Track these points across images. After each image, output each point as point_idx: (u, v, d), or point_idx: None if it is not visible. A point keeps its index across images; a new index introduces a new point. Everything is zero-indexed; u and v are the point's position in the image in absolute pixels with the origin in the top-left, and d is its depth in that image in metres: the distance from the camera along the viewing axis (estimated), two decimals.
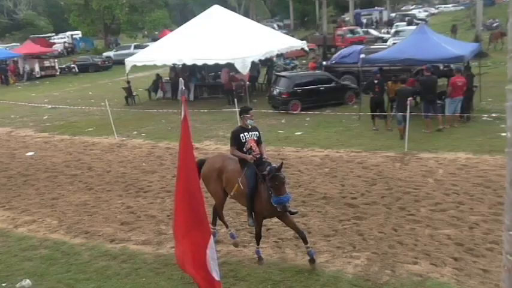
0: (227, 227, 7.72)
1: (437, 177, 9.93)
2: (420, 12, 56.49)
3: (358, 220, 8.21)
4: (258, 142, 7.08)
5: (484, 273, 6.30)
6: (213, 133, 15.36)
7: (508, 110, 2.08)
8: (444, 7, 67.51)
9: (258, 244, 6.98)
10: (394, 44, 21.91)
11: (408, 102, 12.04)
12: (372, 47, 22.89)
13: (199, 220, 4.47)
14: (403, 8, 70.24)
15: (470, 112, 14.06)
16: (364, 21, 50.00)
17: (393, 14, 56.34)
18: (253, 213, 6.85)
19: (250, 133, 7.02)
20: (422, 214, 8.26)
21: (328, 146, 12.84)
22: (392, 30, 36.05)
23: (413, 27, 30.34)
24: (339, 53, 23.04)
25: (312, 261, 6.71)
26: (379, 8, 56.95)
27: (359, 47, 22.11)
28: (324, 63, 22.28)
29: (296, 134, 14.52)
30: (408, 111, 11.93)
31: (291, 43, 24.25)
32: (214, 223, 7.62)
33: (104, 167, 12.40)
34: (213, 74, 23.23)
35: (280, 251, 7.28)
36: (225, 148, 13.43)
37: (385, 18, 53.46)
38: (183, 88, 4.78)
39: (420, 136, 12.79)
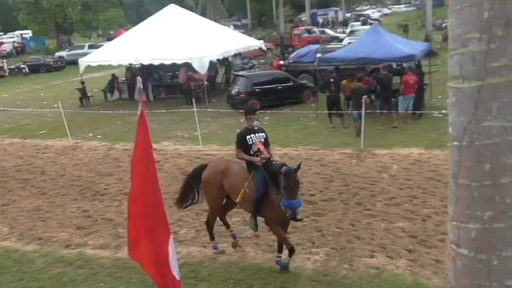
0: (228, 227, 7.36)
1: (391, 173, 10.24)
2: (374, 13, 58.01)
3: (317, 217, 8.34)
4: (266, 144, 6.68)
5: (436, 264, 6.55)
6: (171, 134, 15.19)
7: (450, 106, 2.18)
8: (397, 7, 69.63)
9: (280, 252, 6.68)
10: (349, 43, 22.39)
11: (363, 100, 12.35)
12: (328, 46, 23.32)
13: (159, 219, 4.41)
14: (357, 8, 71.91)
15: (422, 109, 14.57)
16: (320, 21, 50.87)
17: (348, 14, 57.63)
18: (255, 218, 6.58)
19: (257, 134, 6.62)
20: (378, 209, 8.49)
21: (287, 144, 12.97)
22: (348, 30, 36.84)
23: (367, 27, 31.06)
24: (296, 52, 23.34)
25: (283, 268, 6.58)
26: (334, 8, 58.09)
27: (315, 46, 22.48)
28: (281, 62, 22.49)
29: None
30: (363, 109, 12.24)
31: (249, 43, 24.33)
32: (227, 226, 7.36)
33: (57, 171, 12.01)
34: (170, 74, 22.98)
35: (240, 250, 7.29)
36: (184, 149, 13.34)
37: (340, 18, 54.61)
38: (141, 87, 4.70)
39: (375, 133, 13.15)
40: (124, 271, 6.85)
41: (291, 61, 21.55)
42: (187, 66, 19.70)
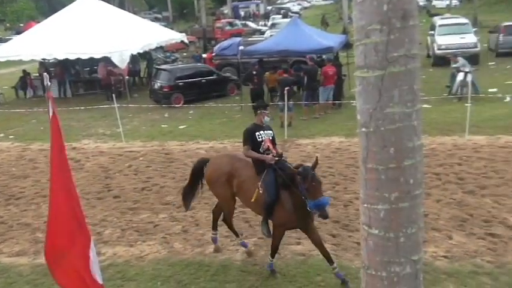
0: (238, 235, 6.86)
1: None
2: (294, 6, 59.24)
3: (245, 208, 8.42)
4: (273, 143, 6.26)
5: (358, 246, 6.86)
6: (91, 131, 14.58)
7: (357, 94, 2.30)
8: (315, 1, 71.59)
9: (272, 257, 6.26)
10: (271, 36, 22.74)
11: (286, 91, 12.63)
12: (250, 39, 23.55)
13: (78, 222, 4.24)
14: (278, 1, 72.97)
15: (341, 99, 15.18)
16: (242, 13, 51.09)
17: (269, 7, 58.35)
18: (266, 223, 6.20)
19: (265, 132, 6.19)
20: None
21: (212, 137, 12.96)
22: (269, 23, 37.36)
23: (288, 19, 31.73)
24: (218, 45, 23.29)
25: (344, 283, 5.92)
26: (256, 1, 58.52)
27: (238, 39, 22.57)
28: (204, 55, 22.35)
29: (180, 127, 14.40)
30: (286, 100, 12.52)
31: (170, 36, 23.85)
32: (215, 227, 6.84)
33: None
34: (88, 69, 21.98)
35: (168, 246, 7.20)
36: (106, 146, 12.86)
37: (262, 11, 55.17)
38: (49, 84, 4.45)
39: (298, 123, 13.51)
40: (45, 277, 6.48)
41: (213, 54, 21.48)
42: (107, 60, 18.94)
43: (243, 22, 41.20)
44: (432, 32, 22.52)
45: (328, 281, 6.07)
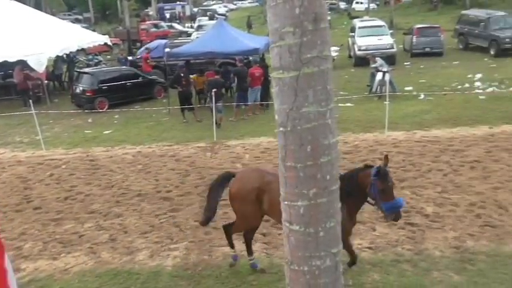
0: (251, 254, 6.38)
1: (244, 162, 10.67)
2: (220, 8, 59.43)
3: (175, 212, 8.31)
4: None
5: None
6: (8, 139, 13.67)
7: (274, 95, 2.36)
8: (241, 3, 72.24)
9: (351, 266, 5.82)
10: (197, 38, 22.61)
11: (213, 93, 12.62)
12: (176, 41, 23.27)
13: None
14: (204, 3, 72.80)
15: (269, 100, 15.44)
16: (168, 15, 50.34)
17: (195, 9, 58.02)
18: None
19: None
20: None
21: (139, 142, 12.65)
22: (196, 25, 37.15)
23: (215, 21, 31.75)
24: (144, 47, 22.78)
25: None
26: (181, 3, 57.96)
27: (164, 41, 22.22)
28: (130, 58, 21.75)
29: (105, 132, 13.90)
30: (214, 101, 12.52)
31: (93, 38, 22.92)
32: (250, 252, 6.35)
33: None
34: (2, 73, 20.56)
35: (95, 257, 6.92)
36: (24, 155, 12.12)
37: (188, 12, 54.72)
38: None
39: (227, 125, 13.55)
40: None
41: (139, 57, 20.97)
42: (23, 64, 17.82)
43: (169, 24, 40.62)
44: (353, 33, 23.55)
45: (260, 279, 6.14)
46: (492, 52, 21.89)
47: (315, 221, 2.32)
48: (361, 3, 53.14)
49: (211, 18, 41.16)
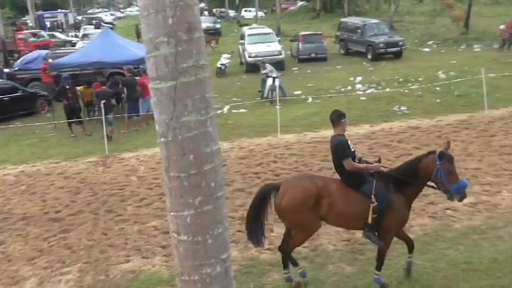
0: (296, 264, 5.97)
1: (139, 174, 10.38)
2: (107, 16, 57.25)
3: (66, 233, 7.82)
4: None
5: None
6: None
7: (153, 106, 2.33)
8: (129, 11, 70.29)
9: (379, 270, 5.68)
10: (83, 47, 21.52)
11: (102, 104, 12.11)
12: (59, 51, 21.88)
13: None
14: (89, 11, 69.60)
15: None
16: (48, 24, 47.21)
17: (80, 17, 55.24)
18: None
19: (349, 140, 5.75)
20: (129, 212, 8.49)
21: (22, 161, 11.70)
22: (81, 34, 35.37)
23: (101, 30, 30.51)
24: (22, 58, 21.13)
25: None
26: (64, 11, 54.80)
27: (44, 51, 20.79)
28: (6, 70, 20.01)
29: None
30: (104, 113, 12.01)
31: None
32: (286, 265, 5.92)
33: None
34: None
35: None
36: None
37: (71, 21, 51.89)
38: None
39: (120, 137, 13.08)
40: None
41: (16, 68, 19.38)
42: None
43: (50, 33, 38.14)
44: (243, 41, 24.11)
45: None
46: (369, 56, 23.80)
47: (202, 229, 2.33)
48: (250, 11, 54.71)
49: (97, 26, 39.40)
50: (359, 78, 18.86)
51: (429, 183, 5.59)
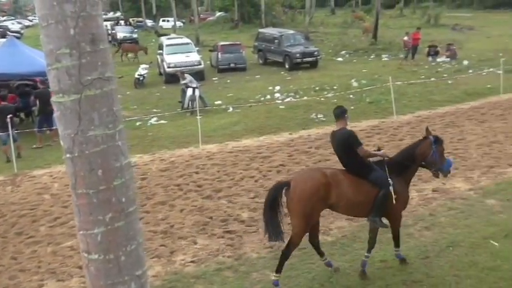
0: (323, 255, 6.30)
1: (53, 192, 9.81)
2: (14, 24, 53.81)
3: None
4: None
5: None
6: None
7: (57, 120, 2.23)
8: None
9: (398, 246, 6.29)
10: None
11: (8, 119, 11.31)
12: None
13: None
14: None
15: None
16: None
17: None
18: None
19: None
20: (42, 233, 7.99)
21: None
22: None
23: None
24: None
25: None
26: None
27: None
28: None
29: None
30: (11, 129, 11.22)
31: None
32: (321, 253, 6.31)
33: None
34: None
35: None
36: None
37: None
38: None
39: (30, 153, 12.29)
40: None
41: None
42: None
43: None
44: (161, 51, 23.79)
45: None
46: (287, 66, 24.54)
47: (114, 247, 2.25)
48: (168, 21, 54.13)
49: (3, 36, 36.85)
50: (277, 88, 19.35)
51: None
